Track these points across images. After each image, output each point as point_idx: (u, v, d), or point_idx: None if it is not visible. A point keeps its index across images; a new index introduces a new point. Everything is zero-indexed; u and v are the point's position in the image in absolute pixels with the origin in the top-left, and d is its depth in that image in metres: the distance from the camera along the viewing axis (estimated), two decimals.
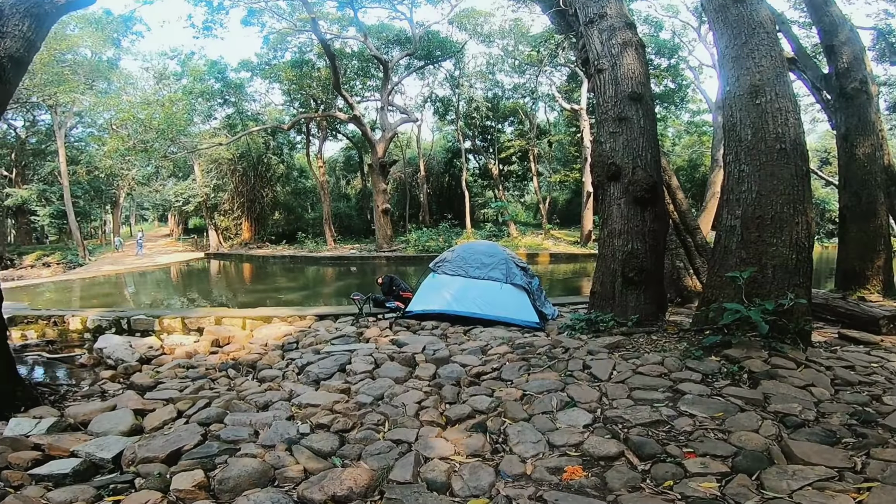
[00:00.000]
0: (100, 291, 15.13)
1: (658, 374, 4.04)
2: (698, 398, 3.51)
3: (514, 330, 5.84)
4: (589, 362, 4.40)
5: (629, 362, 4.35)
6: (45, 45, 19.92)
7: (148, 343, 6.03)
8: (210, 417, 3.57)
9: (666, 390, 3.74)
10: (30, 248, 31.25)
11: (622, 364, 4.32)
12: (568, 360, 4.55)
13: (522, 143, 31.48)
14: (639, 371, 4.11)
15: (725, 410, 3.30)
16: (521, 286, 6.02)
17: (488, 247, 6.63)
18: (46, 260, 28.40)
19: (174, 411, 3.77)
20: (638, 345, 5.09)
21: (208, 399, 3.97)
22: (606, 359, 4.48)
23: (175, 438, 3.20)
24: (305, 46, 26.20)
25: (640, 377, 3.99)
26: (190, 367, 5.16)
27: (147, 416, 3.76)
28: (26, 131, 31.66)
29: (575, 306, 7.72)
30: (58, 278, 20.16)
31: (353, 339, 5.71)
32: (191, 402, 3.93)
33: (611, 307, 5.69)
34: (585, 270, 19.43)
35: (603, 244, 5.74)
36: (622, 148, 5.75)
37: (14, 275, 25.60)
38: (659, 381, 3.89)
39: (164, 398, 4.11)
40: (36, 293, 14.50)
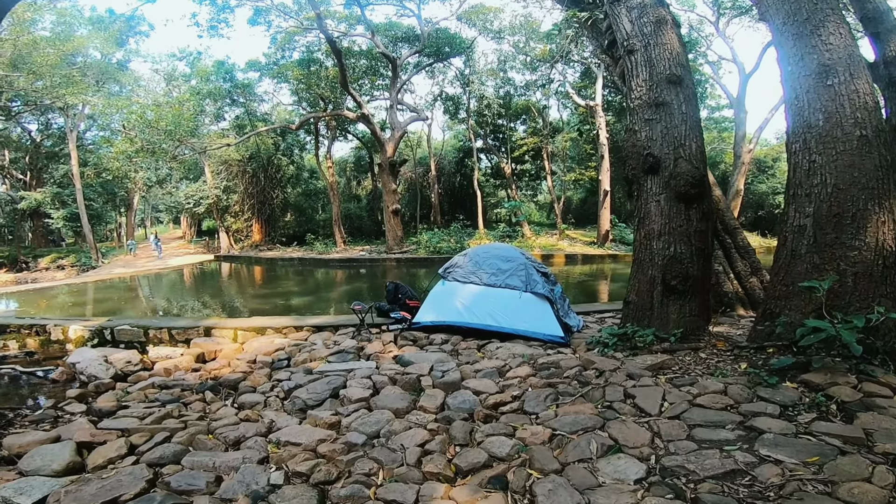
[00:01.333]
0: (104, 296, 14.75)
1: (723, 405, 3.29)
2: (781, 438, 2.79)
3: (536, 345, 5.10)
4: (631, 390, 3.66)
5: (682, 390, 3.60)
6: (52, 45, 19.86)
7: (126, 357, 5.43)
8: (165, 457, 2.93)
9: (736, 427, 3.01)
10: (45, 251, 31.41)
11: (674, 392, 3.56)
12: (604, 386, 3.81)
13: (535, 140, 30.57)
14: (697, 402, 3.36)
15: (821, 453, 2.58)
16: (543, 295, 5.26)
17: (505, 250, 5.90)
18: (61, 262, 28.49)
19: (125, 446, 3.14)
20: (685, 365, 4.32)
21: (169, 432, 3.33)
22: (652, 385, 3.73)
23: (114, 484, 2.56)
24: (313, 46, 25.75)
25: (700, 410, 3.24)
26: (164, 388, 4.53)
27: (93, 450, 3.14)
28: (41, 134, 31.83)
29: (601, 315, 6.94)
30: (70, 281, 20.00)
31: (352, 354, 5.03)
32: (148, 434, 3.30)
33: (648, 319, 4.91)
34: (603, 272, 18.55)
35: (639, 247, 4.97)
36: (660, 137, 4.97)
37: (28, 277, 25.67)
38: (725, 416, 3.15)
39: (119, 428, 3.49)
40: (47, 296, 14.20)
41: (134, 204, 39.60)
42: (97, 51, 25.18)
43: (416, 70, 27.60)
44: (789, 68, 4.38)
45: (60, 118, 28.73)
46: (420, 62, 27.22)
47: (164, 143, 20.60)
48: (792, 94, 4.31)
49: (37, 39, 18.77)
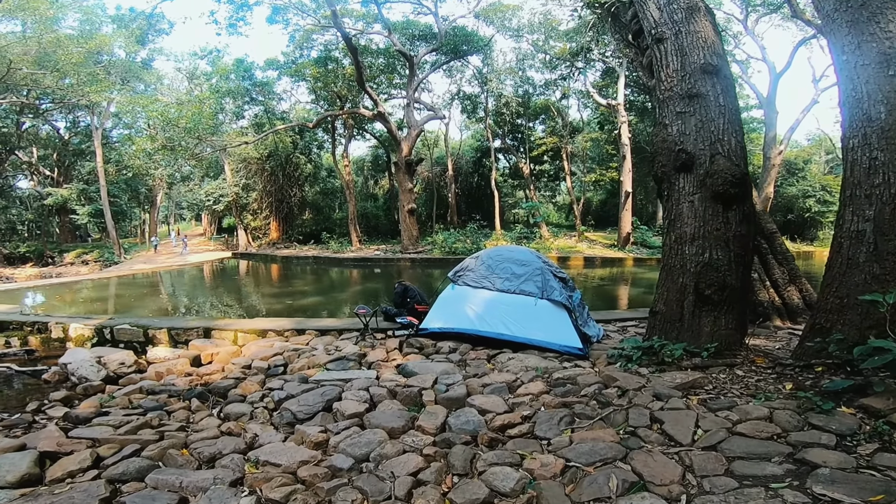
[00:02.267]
0: (119, 292, 14.84)
1: (768, 434, 2.85)
2: (839, 473, 2.36)
3: (551, 357, 4.67)
4: (659, 413, 3.22)
5: (719, 415, 3.15)
6: (75, 43, 20.21)
7: (120, 359, 5.21)
8: (128, 473, 2.65)
9: (784, 460, 2.58)
10: (71, 246, 32.23)
11: (709, 417, 3.12)
12: (627, 408, 3.37)
13: (555, 140, 29.93)
14: (737, 430, 2.93)
15: (886, 491, 2.17)
16: (561, 303, 4.82)
17: (520, 253, 5.46)
18: (85, 258, 29.16)
19: (90, 458, 2.87)
20: (720, 384, 3.86)
21: (141, 444, 3.05)
22: (683, 408, 3.28)
23: (64, 501, 2.28)
24: (331, 44, 25.73)
25: (741, 440, 2.81)
26: (151, 393, 4.27)
27: (57, 461, 2.88)
28: (68, 132, 32.66)
29: (622, 323, 6.46)
30: (92, 276, 20.34)
31: (352, 362, 4.69)
32: (118, 446, 3.04)
33: (677, 332, 4.44)
34: (623, 276, 17.89)
35: (669, 252, 4.49)
36: (694, 131, 4.49)
37: (53, 272, 26.32)
38: (771, 447, 2.71)
39: (90, 437, 3.23)
40: (67, 290, 14.38)
41: (157, 201, 40.35)
42: (122, 49, 25.65)
43: (433, 68, 27.33)
44: (844, 57, 3.89)
45: (87, 116, 29.44)
46: (437, 60, 26.96)
47: (184, 140, 20.77)
48: (848, 84, 3.81)
49: (60, 37, 19.09)
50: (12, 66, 18.38)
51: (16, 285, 16.46)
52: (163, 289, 15.81)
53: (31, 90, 22.73)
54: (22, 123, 28.89)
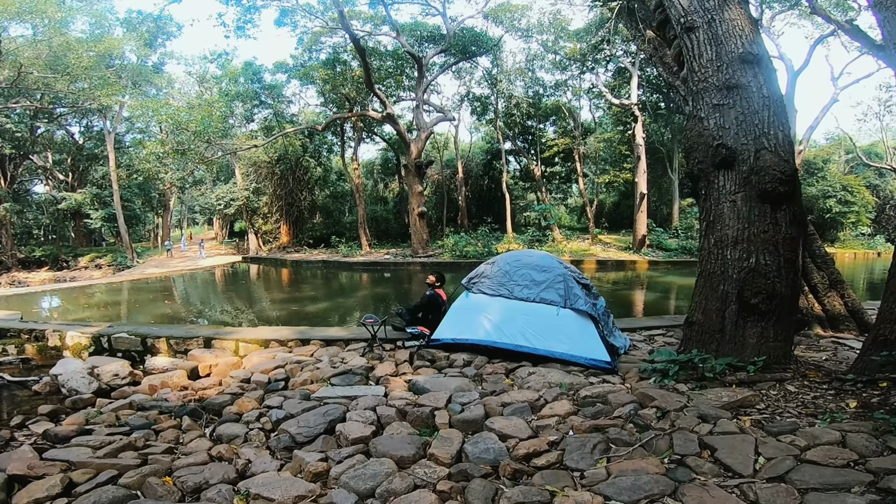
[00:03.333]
0: (127, 297, 14.72)
1: (844, 461, 2.46)
2: None
3: (575, 371, 4.25)
4: (708, 438, 2.82)
5: (782, 440, 2.74)
6: (84, 46, 20.27)
7: (114, 370, 4.91)
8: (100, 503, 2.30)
9: (866, 490, 2.23)
10: (85, 250, 32.49)
11: (770, 442, 2.71)
12: (670, 431, 2.96)
13: (567, 141, 29.44)
14: (807, 457, 2.51)
15: None
16: (586, 312, 4.40)
17: (540, 258, 5.00)
18: (99, 262, 29.34)
19: (61, 485, 2.55)
20: (772, 402, 3.44)
21: (119, 470, 2.72)
22: (737, 432, 2.88)
23: None
24: (339, 46, 25.61)
25: (813, 469, 2.42)
26: (141, 409, 3.95)
27: (25, 486, 2.56)
28: (82, 137, 32.97)
29: (648, 332, 6.01)
30: (105, 280, 20.38)
31: (359, 376, 4.32)
32: (94, 471, 2.72)
33: (717, 343, 4.01)
34: (640, 280, 17.32)
35: (708, 257, 4.07)
36: (735, 124, 4.08)
37: (67, 276, 26.47)
38: (850, 475, 2.35)
39: (66, 459, 2.90)
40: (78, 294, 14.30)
41: (171, 205, 40.60)
42: (133, 53, 25.79)
43: (441, 70, 27.07)
44: None
45: (100, 120, 29.67)
46: (446, 62, 26.72)
47: (193, 143, 20.71)
48: None
49: (70, 41, 19.15)
50: (23, 70, 18.46)
51: (24, 290, 16.43)
52: (171, 293, 15.66)
53: (44, 94, 22.88)
54: (36, 128, 29.18)
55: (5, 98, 23.32)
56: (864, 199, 30.60)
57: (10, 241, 29.14)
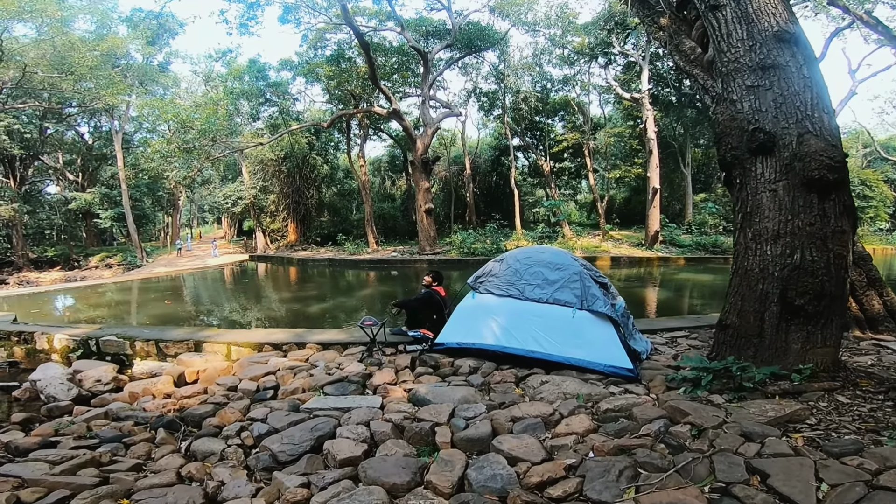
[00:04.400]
0: (131, 296, 14.56)
1: None
2: None
3: (594, 380, 3.83)
4: (756, 461, 2.41)
5: (847, 462, 2.33)
6: (86, 45, 20.17)
7: (97, 375, 4.60)
8: None
9: None
10: (96, 250, 32.68)
11: (832, 466, 2.30)
12: (710, 454, 2.55)
13: (576, 136, 28.85)
14: (880, 482, 2.09)
15: None
16: (605, 314, 3.97)
17: (553, 255, 4.53)
18: (109, 261, 29.46)
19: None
20: (824, 415, 3.01)
21: (73, 490, 2.41)
22: (790, 453, 2.47)
23: None
24: (344, 43, 25.33)
25: (890, 497, 1.97)
26: (116, 419, 3.63)
27: None
28: (91, 137, 33.11)
29: (670, 334, 5.56)
30: (114, 279, 20.37)
31: (354, 384, 3.95)
32: (44, 491, 2.41)
33: (754, 349, 3.58)
34: (653, 277, 16.77)
35: (744, 253, 3.63)
36: (773, 107, 3.65)
37: (78, 275, 26.57)
38: None
39: (19, 475, 2.58)
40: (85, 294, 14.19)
41: (180, 204, 40.70)
42: (139, 53, 25.72)
43: (447, 65, 26.67)
44: None
45: (108, 120, 29.72)
46: (451, 57, 26.33)
47: (198, 142, 20.54)
48: None
49: (73, 40, 19.04)
50: (28, 70, 18.39)
51: (30, 290, 16.38)
52: (175, 293, 15.48)
53: (52, 95, 22.86)
54: (45, 129, 29.29)
55: (13, 99, 23.38)
56: (883, 194, 29.74)
57: (21, 241, 29.33)
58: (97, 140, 32.96)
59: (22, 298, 12.97)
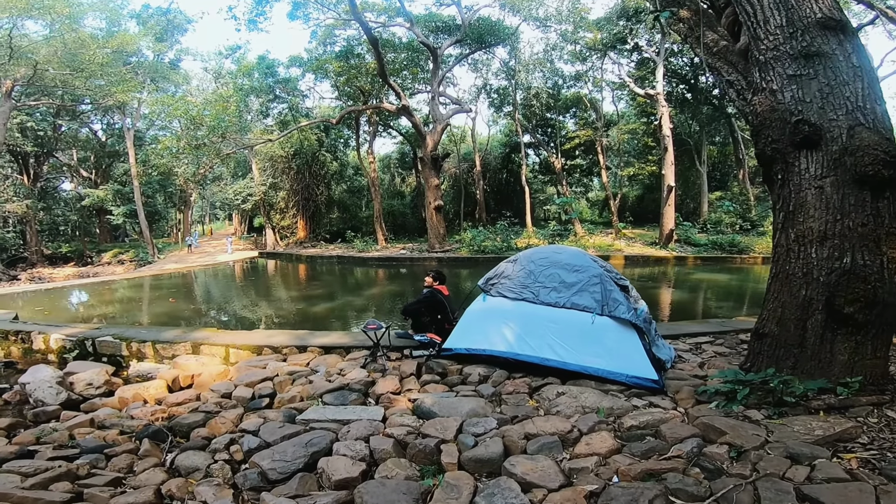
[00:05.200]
0: (139, 293, 14.52)
1: None
2: None
3: (614, 392, 3.52)
4: (808, 488, 2.11)
5: None
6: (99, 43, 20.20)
7: (88, 378, 4.40)
8: None
9: None
10: (109, 246, 33.02)
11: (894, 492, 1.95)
12: (753, 479, 2.24)
13: (589, 133, 28.32)
14: None
15: None
16: (627, 320, 3.65)
17: (571, 255, 4.19)
18: (121, 258, 29.70)
19: None
20: (877, 434, 2.67)
21: None
22: (846, 478, 2.15)
23: None
24: (353, 39, 25.14)
25: None
26: (101, 427, 3.41)
27: None
28: (105, 134, 33.41)
29: (694, 339, 5.21)
30: (126, 276, 20.45)
31: (356, 393, 3.68)
32: None
33: (794, 359, 3.24)
34: (670, 277, 16.29)
35: (785, 255, 3.29)
36: (819, 97, 3.31)
37: (91, 271, 26.83)
38: None
39: None
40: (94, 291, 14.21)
41: (191, 201, 40.94)
42: (150, 50, 25.79)
43: (457, 61, 26.34)
44: None
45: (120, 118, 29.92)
46: (461, 53, 26.02)
47: (207, 138, 20.51)
48: None
49: (83, 37, 19.06)
50: (39, 67, 18.46)
51: (40, 286, 16.45)
52: (181, 290, 15.41)
53: (65, 93, 23.00)
54: (59, 126, 29.57)
55: (26, 97, 23.58)
56: None
57: (35, 237, 29.66)
58: (110, 137, 33.24)
59: (28, 295, 12.98)
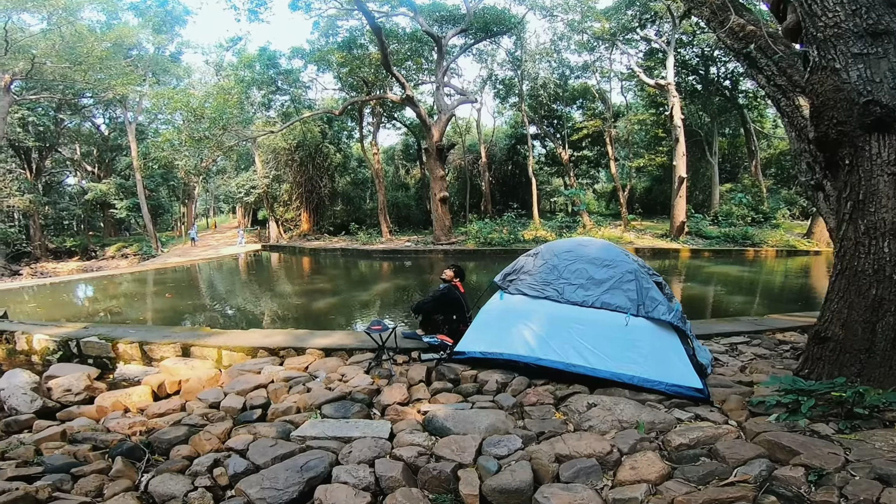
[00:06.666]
0: (138, 288, 14.23)
1: None
2: None
3: (652, 402, 3.09)
4: None
5: None
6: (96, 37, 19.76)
7: (67, 384, 4.03)
8: None
9: None
10: (113, 240, 32.85)
11: None
12: None
13: (597, 123, 27.68)
14: None
15: None
16: (668, 322, 3.20)
17: (600, 249, 3.73)
18: (125, 251, 29.52)
19: None
20: None
21: None
22: None
23: None
24: (356, 30, 24.61)
25: None
26: (73, 441, 3.03)
27: None
28: (107, 128, 33.11)
29: (728, 339, 4.76)
30: (129, 269, 20.24)
31: (359, 404, 3.28)
32: None
33: (860, 366, 2.82)
34: (683, 270, 15.80)
35: (854, 250, 2.87)
36: (890, 77, 2.91)
37: (94, 265, 26.62)
38: None
39: None
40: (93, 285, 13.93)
41: (195, 194, 40.67)
42: (150, 44, 25.34)
43: (462, 51, 25.76)
44: None
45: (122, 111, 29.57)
46: (466, 43, 25.43)
47: (209, 131, 20.12)
48: None
49: (80, 29, 18.65)
50: (36, 61, 18.08)
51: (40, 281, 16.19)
52: (182, 284, 15.10)
53: (65, 87, 22.63)
54: (61, 120, 29.25)
55: (27, 91, 23.23)
56: None
57: (39, 231, 29.48)
58: (113, 131, 32.94)
59: (25, 291, 12.70)
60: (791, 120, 4.39)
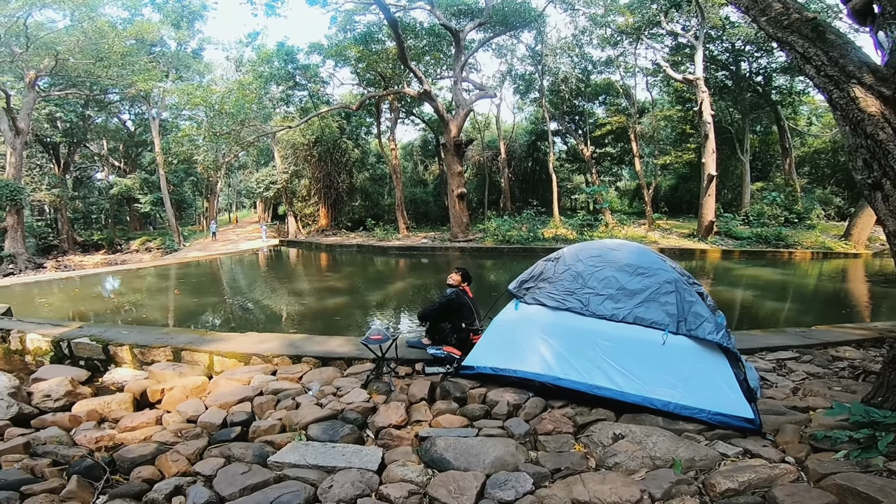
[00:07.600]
0: (151, 282, 14.26)
1: None
2: None
3: (690, 433, 2.62)
4: None
5: None
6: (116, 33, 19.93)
7: (47, 389, 3.78)
8: None
9: None
10: (138, 234, 33.57)
11: None
12: None
13: (621, 119, 26.75)
14: None
15: None
16: (715, 342, 2.70)
17: (633, 254, 3.23)
18: (149, 245, 30.12)
19: None
20: None
21: None
22: None
23: None
24: (374, 25, 24.31)
25: None
26: (34, 454, 2.74)
27: None
28: (133, 124, 33.80)
29: (774, 355, 4.21)
30: (152, 263, 20.48)
31: (349, 426, 2.89)
32: None
33: None
34: (715, 272, 14.94)
35: None
36: None
37: (119, 259, 27.21)
38: None
39: None
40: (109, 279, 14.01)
41: (217, 189, 41.24)
42: (172, 40, 25.62)
43: (480, 45, 25.20)
44: None
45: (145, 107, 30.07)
46: (485, 37, 24.87)
47: (227, 126, 20.18)
48: None
49: (101, 26, 18.86)
50: (60, 57, 18.37)
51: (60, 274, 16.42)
52: (197, 279, 15.09)
53: (91, 83, 23.03)
54: (88, 116, 29.93)
55: (54, 87, 23.76)
56: None
57: (67, 225, 30.28)
58: (138, 127, 33.60)
59: (44, 285, 12.81)
60: (845, 113, 3.84)
